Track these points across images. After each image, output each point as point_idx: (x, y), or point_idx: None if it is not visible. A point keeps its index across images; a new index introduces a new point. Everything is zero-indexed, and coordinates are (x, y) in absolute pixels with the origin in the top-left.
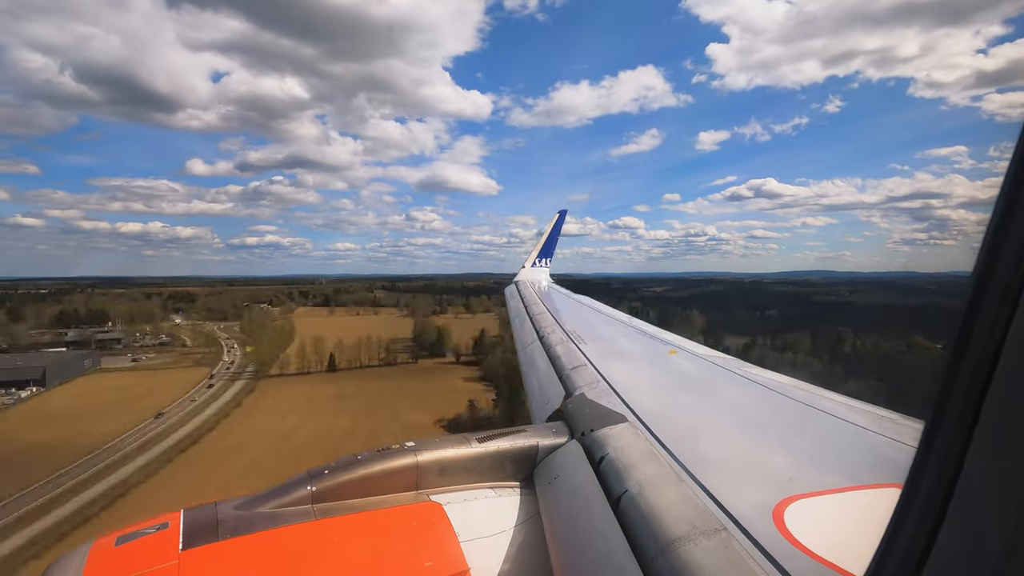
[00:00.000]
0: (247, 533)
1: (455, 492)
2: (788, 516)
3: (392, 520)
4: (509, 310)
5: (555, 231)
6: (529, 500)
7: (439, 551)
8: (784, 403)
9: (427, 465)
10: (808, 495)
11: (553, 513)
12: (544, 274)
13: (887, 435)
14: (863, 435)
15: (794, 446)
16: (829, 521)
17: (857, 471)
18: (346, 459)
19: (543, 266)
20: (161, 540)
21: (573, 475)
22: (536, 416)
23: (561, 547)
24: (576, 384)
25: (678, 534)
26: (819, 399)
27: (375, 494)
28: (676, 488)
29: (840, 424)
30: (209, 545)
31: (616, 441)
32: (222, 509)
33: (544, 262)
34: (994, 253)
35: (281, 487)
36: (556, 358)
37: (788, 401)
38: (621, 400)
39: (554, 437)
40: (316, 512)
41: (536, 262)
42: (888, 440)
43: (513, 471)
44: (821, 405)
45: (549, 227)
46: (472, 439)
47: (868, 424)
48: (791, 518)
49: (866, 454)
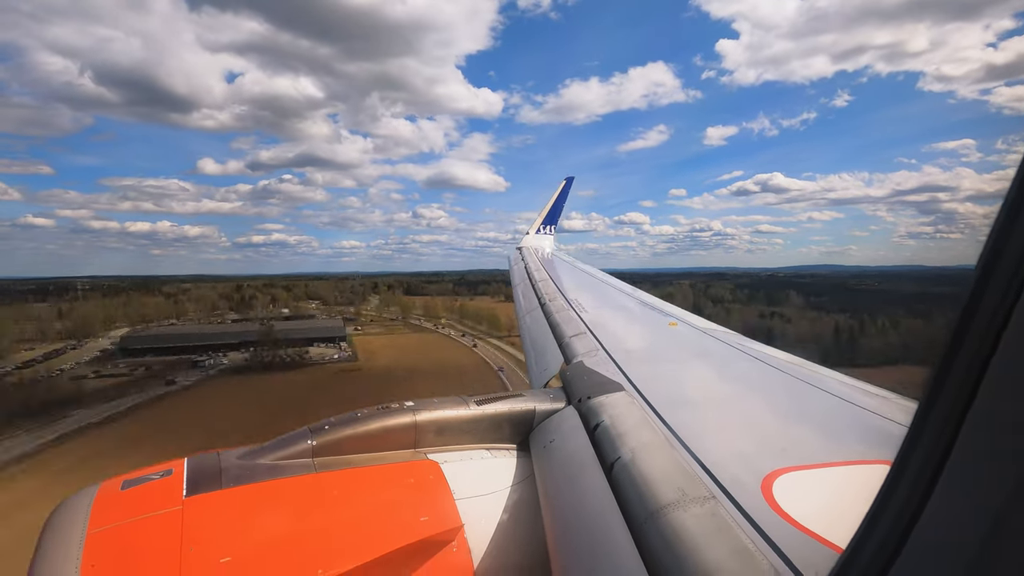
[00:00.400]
0: (248, 483)
1: (452, 452)
2: (777, 487)
3: (390, 476)
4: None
5: (561, 198)
6: (524, 462)
7: (434, 507)
8: (780, 377)
9: (425, 424)
10: (798, 468)
11: (547, 476)
12: (548, 241)
13: (880, 413)
14: (856, 412)
15: (787, 419)
16: (817, 494)
17: (848, 446)
18: (347, 415)
19: (548, 233)
20: (166, 486)
21: (568, 440)
22: (535, 381)
23: (554, 509)
24: (575, 352)
25: (668, 500)
26: (815, 375)
27: (374, 451)
28: (668, 456)
29: (834, 400)
30: (211, 493)
31: (612, 409)
32: (225, 458)
33: (549, 229)
34: (1001, 243)
35: (282, 439)
36: (556, 325)
37: (784, 376)
38: (619, 369)
39: (551, 402)
40: (316, 465)
41: (540, 229)
42: (881, 418)
43: (510, 434)
44: (817, 381)
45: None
46: (471, 401)
47: (862, 401)
48: (780, 489)
49: (858, 430)
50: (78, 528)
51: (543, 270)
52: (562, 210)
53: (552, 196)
